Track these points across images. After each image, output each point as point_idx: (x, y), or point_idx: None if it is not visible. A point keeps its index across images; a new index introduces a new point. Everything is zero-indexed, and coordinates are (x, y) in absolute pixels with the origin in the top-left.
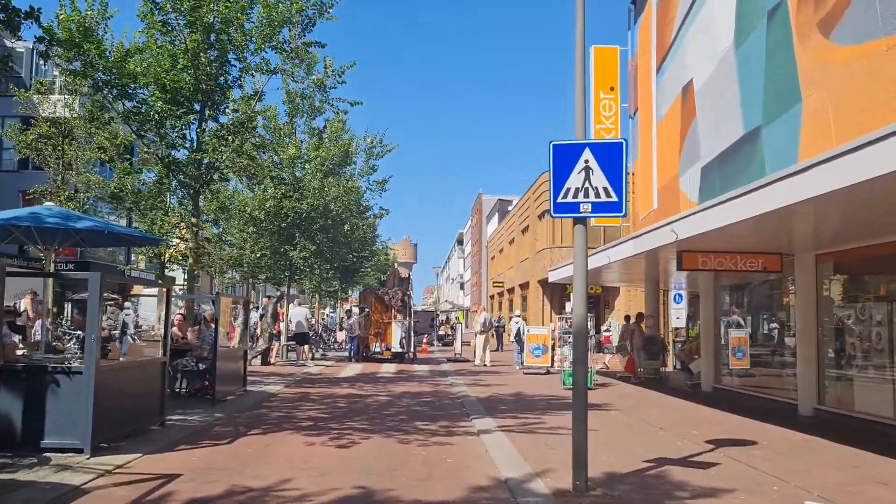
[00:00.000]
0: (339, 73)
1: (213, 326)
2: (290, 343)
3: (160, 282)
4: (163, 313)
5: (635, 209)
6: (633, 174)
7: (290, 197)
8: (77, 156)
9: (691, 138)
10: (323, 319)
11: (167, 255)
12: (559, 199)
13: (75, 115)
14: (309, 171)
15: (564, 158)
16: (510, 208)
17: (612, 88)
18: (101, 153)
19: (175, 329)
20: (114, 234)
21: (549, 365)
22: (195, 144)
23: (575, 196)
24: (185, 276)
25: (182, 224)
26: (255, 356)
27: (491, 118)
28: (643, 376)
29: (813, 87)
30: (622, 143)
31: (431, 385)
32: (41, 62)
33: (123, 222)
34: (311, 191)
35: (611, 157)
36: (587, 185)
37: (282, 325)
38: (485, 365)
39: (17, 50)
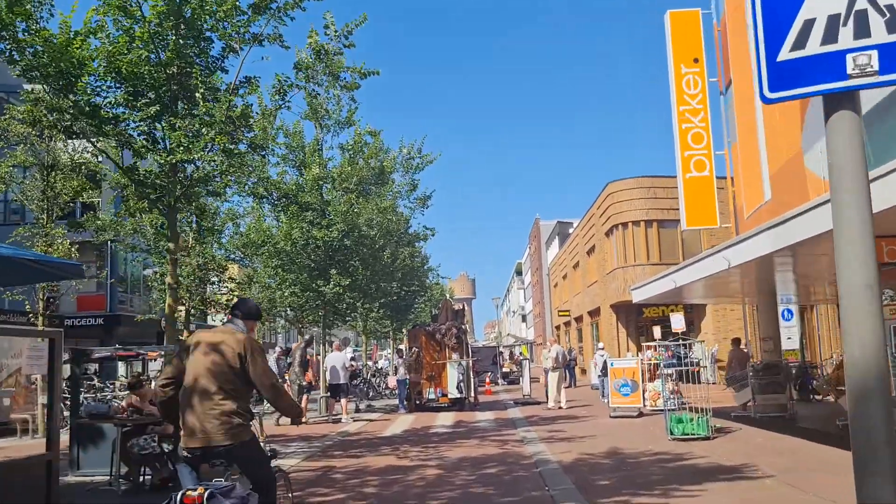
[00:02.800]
0: (344, 34)
1: None
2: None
3: (43, 329)
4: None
5: (737, 205)
6: (729, 162)
7: (319, 224)
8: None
9: (818, 100)
10: (376, 363)
11: (190, 304)
12: (784, 56)
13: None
14: (335, 192)
15: None
16: (571, 230)
17: (695, 61)
18: (122, 193)
19: (132, 397)
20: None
21: (641, 405)
22: (166, 147)
23: (827, 39)
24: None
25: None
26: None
27: (544, 142)
28: (761, 414)
29: None
30: None
31: (497, 443)
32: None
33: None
34: (338, 215)
35: None
36: (861, 4)
37: (314, 374)
38: (560, 407)
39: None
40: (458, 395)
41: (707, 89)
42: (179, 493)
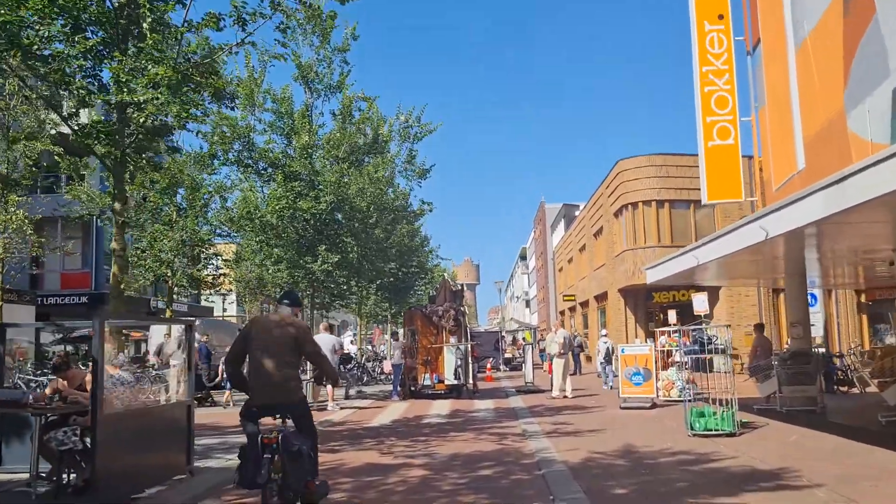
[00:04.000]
0: None
1: (94, 376)
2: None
3: None
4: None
5: (763, 178)
6: (756, 129)
7: (306, 196)
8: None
9: (867, 52)
10: (374, 348)
11: (172, 281)
12: None
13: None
14: (324, 161)
15: None
16: (577, 213)
17: (720, 17)
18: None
19: (58, 381)
20: None
21: (654, 395)
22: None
23: None
24: (230, 304)
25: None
26: None
27: (549, 125)
28: (788, 407)
29: None
30: None
31: (495, 437)
32: None
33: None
34: (328, 185)
35: None
36: None
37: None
38: (565, 396)
39: None
40: (456, 382)
41: (733, 48)
42: (260, 436)
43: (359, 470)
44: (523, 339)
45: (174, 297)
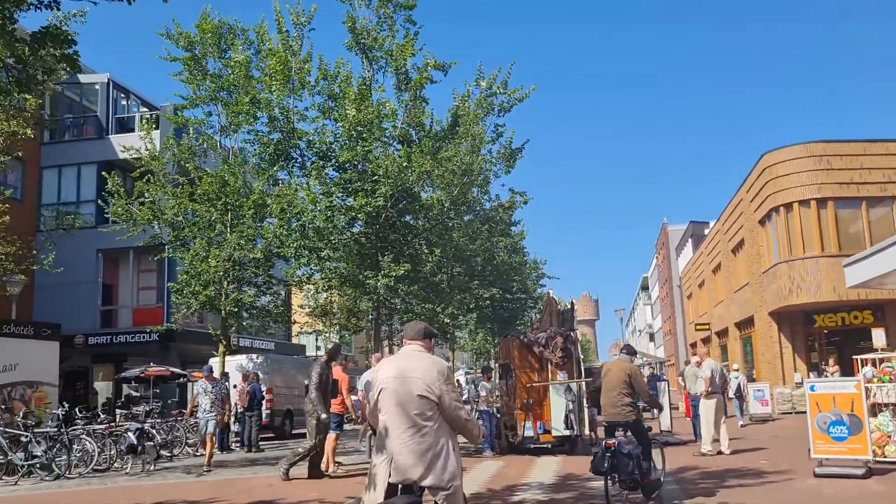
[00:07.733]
0: None
1: None
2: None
3: None
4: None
5: None
6: None
7: (360, 190)
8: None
9: None
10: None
11: (224, 308)
12: None
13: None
14: (380, 139)
15: None
16: (707, 231)
17: None
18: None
19: None
20: None
21: (869, 457)
22: None
23: None
24: (321, 345)
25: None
26: (294, 463)
27: (671, 142)
28: None
29: None
30: None
31: None
32: (121, 98)
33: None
34: (385, 174)
35: None
36: None
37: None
38: (720, 452)
39: (94, 86)
40: (567, 433)
41: None
42: (603, 442)
43: None
44: (650, 374)
45: (250, 331)
